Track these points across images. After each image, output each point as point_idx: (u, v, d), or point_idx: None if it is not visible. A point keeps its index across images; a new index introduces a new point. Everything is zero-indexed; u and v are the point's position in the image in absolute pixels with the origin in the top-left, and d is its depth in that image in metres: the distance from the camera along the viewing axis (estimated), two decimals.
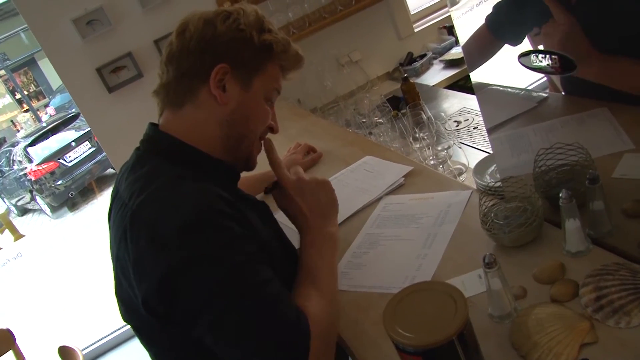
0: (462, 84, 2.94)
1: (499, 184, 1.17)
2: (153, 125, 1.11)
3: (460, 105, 2.42)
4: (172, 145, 1.06)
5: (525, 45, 1.10)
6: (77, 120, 9.29)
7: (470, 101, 2.39)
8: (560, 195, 0.93)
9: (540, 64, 1.05)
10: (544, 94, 1.18)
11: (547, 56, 1.03)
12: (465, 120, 2.22)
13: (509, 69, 1.14)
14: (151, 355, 1.08)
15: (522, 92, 1.22)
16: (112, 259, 1.06)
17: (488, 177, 1.31)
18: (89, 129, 7.81)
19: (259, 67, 1.08)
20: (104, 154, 2.92)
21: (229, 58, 1.04)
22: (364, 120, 2.36)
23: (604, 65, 1.00)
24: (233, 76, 1.05)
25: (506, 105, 1.26)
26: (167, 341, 1.00)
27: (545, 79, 1.15)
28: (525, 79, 1.15)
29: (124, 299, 1.02)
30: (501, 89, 1.26)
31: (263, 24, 1.08)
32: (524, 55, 1.08)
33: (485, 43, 1.20)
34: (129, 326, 1.07)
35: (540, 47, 1.06)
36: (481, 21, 1.15)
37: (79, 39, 2.62)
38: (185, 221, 0.89)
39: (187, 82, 1.05)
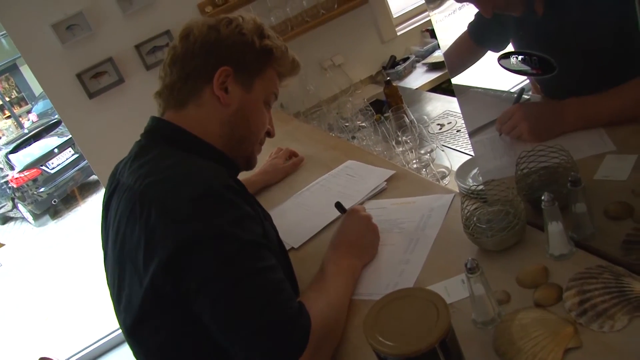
0: (445, 87, 2.94)
1: (481, 187, 1.16)
2: (156, 118, 1.14)
3: (443, 108, 2.42)
4: (177, 132, 1.09)
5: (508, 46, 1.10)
6: (59, 127, 9.17)
7: (453, 104, 2.38)
8: (543, 198, 0.92)
9: (520, 66, 1.05)
10: (526, 96, 1.18)
11: (527, 58, 1.02)
12: (448, 123, 2.22)
13: (491, 71, 1.13)
14: (140, 357, 1.05)
15: (504, 95, 1.21)
16: (109, 253, 1.06)
17: (470, 181, 1.30)
18: None
19: (259, 71, 1.14)
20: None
21: (231, 61, 1.09)
22: (347, 124, 2.35)
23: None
24: (235, 78, 1.10)
25: (488, 108, 1.25)
26: (162, 338, 0.98)
27: (527, 81, 1.15)
28: (508, 81, 1.14)
29: (123, 293, 1.00)
30: (482, 91, 1.26)
31: (263, 30, 1.14)
32: (504, 57, 1.08)
33: (468, 50, 1.20)
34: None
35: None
36: (462, 25, 1.14)
37: (58, 44, 2.58)
38: (196, 194, 0.91)
39: (191, 83, 1.10)
